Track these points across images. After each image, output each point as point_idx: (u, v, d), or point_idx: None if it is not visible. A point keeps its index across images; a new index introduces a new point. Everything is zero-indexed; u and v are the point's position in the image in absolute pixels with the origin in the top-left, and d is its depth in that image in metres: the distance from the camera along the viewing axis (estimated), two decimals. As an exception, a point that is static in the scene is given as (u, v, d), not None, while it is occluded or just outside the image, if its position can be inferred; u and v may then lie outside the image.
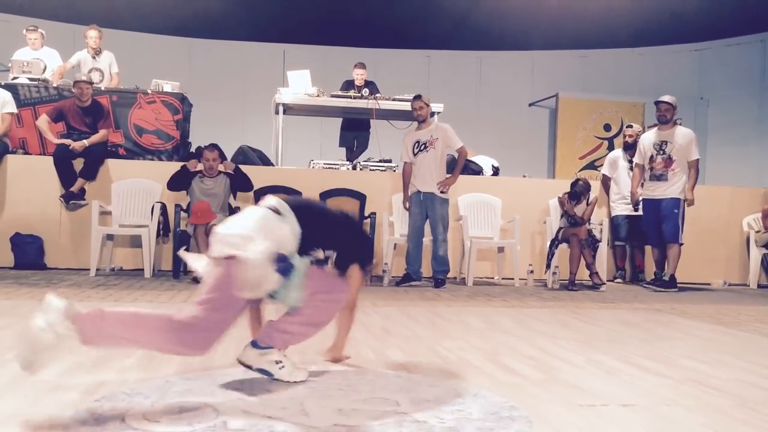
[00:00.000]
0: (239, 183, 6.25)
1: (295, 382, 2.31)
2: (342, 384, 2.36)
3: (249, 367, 2.32)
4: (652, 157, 6.51)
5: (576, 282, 6.22)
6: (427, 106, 6.21)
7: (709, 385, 2.53)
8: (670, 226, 6.42)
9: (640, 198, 6.67)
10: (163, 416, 1.93)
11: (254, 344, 2.33)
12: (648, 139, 6.64)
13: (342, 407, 2.07)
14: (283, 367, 2.32)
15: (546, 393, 2.34)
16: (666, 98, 6.51)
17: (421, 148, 6.11)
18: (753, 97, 11.00)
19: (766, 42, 11.03)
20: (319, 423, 1.90)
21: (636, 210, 6.87)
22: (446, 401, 2.17)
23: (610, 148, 11.13)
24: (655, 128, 6.68)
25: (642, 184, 6.69)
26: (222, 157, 6.71)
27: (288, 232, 2.26)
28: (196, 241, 5.77)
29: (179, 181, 6.13)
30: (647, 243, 6.78)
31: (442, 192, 6.06)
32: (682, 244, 6.40)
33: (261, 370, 2.32)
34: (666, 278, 6.42)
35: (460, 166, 6.23)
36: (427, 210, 6.07)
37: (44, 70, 7.34)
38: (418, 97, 6.21)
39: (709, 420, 2.07)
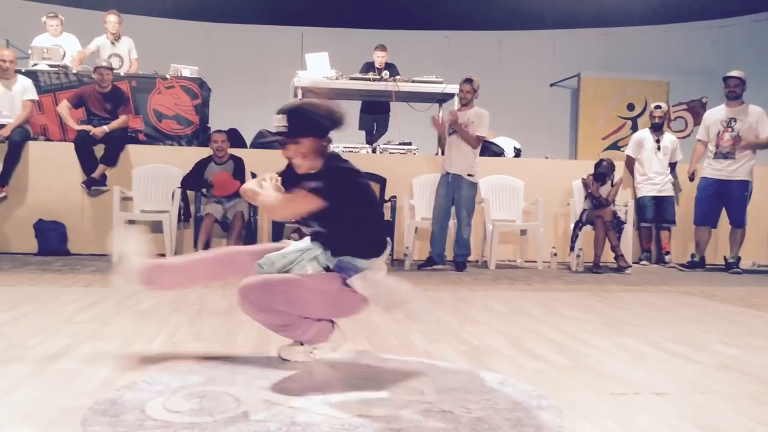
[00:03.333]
0: (239, 177, 6.15)
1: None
2: (366, 372, 2.32)
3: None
4: (718, 133, 6.37)
5: (600, 264, 6.11)
6: (474, 90, 6.12)
7: (743, 371, 2.45)
8: (738, 210, 6.36)
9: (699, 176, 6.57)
10: (184, 406, 1.90)
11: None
12: (715, 114, 6.50)
13: (366, 397, 2.03)
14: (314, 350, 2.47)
15: (574, 380, 2.28)
16: (735, 73, 6.39)
17: (455, 130, 6.04)
18: (781, 74, 10.70)
19: (794, 17, 10.72)
20: (343, 413, 1.86)
21: (691, 180, 6.74)
22: (472, 390, 2.11)
23: (634, 128, 10.92)
24: (723, 104, 6.51)
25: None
26: (239, 141, 6.69)
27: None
28: (203, 230, 5.77)
29: (193, 180, 6.11)
30: (695, 221, 6.60)
31: (469, 175, 5.98)
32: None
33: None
34: (732, 260, 6.36)
35: (466, 135, 5.99)
36: (454, 192, 6.00)
37: (64, 56, 7.34)
38: (468, 81, 6.13)
39: (746, 409, 2.00)
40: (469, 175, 5.99)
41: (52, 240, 6.28)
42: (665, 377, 2.35)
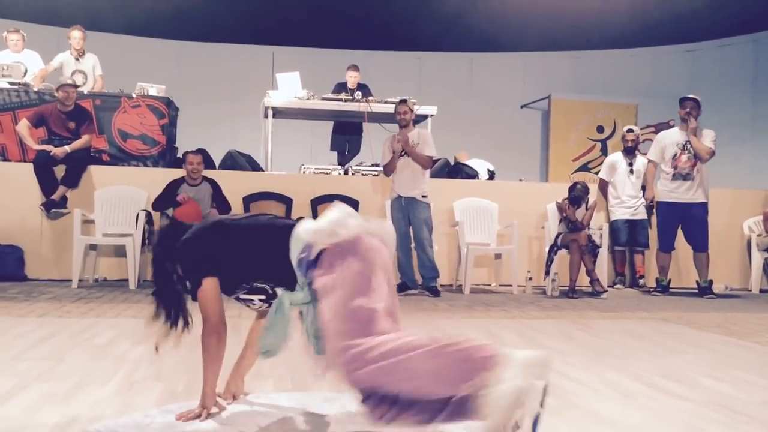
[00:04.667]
0: (219, 200, 6.01)
1: None
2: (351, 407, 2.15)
3: None
4: (675, 155, 6.36)
5: (576, 289, 6.04)
6: (411, 111, 6.05)
7: (735, 409, 2.34)
8: (700, 233, 6.34)
9: (655, 200, 6.56)
10: (140, 461, 1.71)
11: None
12: (670, 137, 6.50)
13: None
14: None
15: (564, 424, 2.14)
16: (691, 96, 6.40)
17: (403, 153, 5.93)
18: (746, 97, 10.89)
19: (759, 42, 10.93)
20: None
21: (651, 208, 6.71)
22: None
23: (603, 150, 11.00)
24: (676, 127, 6.54)
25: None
26: (208, 162, 6.52)
27: None
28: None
29: (166, 200, 5.89)
30: (660, 247, 6.55)
31: (423, 196, 5.89)
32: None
33: None
34: (705, 284, 6.34)
35: (418, 157, 5.89)
36: (410, 215, 5.89)
37: (25, 73, 7.08)
38: (404, 101, 6.06)
39: (745, 454, 1.88)
40: (423, 196, 5.90)
41: (8, 265, 6.00)
42: (657, 418, 2.23)
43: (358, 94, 7.18)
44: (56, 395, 2.31)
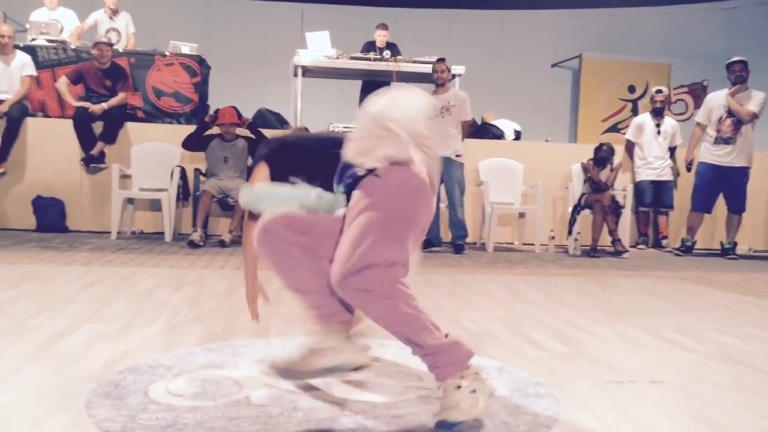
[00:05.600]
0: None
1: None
2: (365, 357, 2.33)
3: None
4: (720, 118, 6.36)
5: (598, 248, 6.14)
6: (449, 70, 6.12)
7: (740, 361, 2.47)
8: (738, 196, 6.39)
9: (697, 161, 6.58)
10: (186, 390, 1.91)
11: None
12: (718, 99, 6.47)
13: (366, 381, 2.04)
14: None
15: (572, 368, 2.30)
16: (739, 58, 6.36)
17: (438, 112, 6.02)
18: (784, 58, 10.64)
19: (800, -1, 10.64)
20: (343, 399, 1.88)
21: (689, 170, 6.74)
22: (471, 376, 2.13)
23: (634, 110, 10.89)
24: (725, 89, 6.50)
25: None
26: (240, 119, 6.65)
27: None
28: (201, 208, 5.76)
29: (195, 141, 6.09)
30: (693, 207, 6.59)
31: (457, 156, 6.01)
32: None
33: None
34: (729, 245, 6.40)
35: (464, 136, 6.17)
36: (443, 175, 6.01)
37: (61, 31, 7.28)
38: (441, 60, 6.12)
39: (741, 399, 2.02)
40: (457, 155, 6.03)
41: (50, 217, 6.29)
42: (662, 366, 2.37)
43: (387, 54, 7.23)
44: (106, 334, 2.53)
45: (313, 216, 1.86)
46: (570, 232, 6.29)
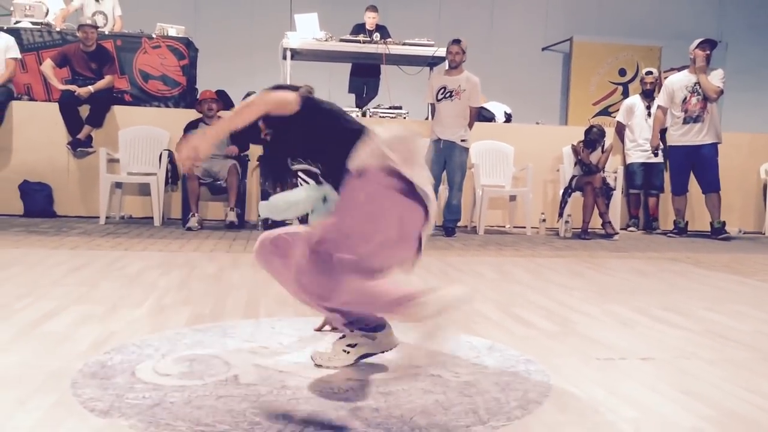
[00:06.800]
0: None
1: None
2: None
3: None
4: (685, 98, 6.36)
5: (589, 231, 6.15)
6: (463, 52, 6.04)
7: (728, 337, 2.48)
8: (711, 174, 6.38)
9: (666, 146, 6.57)
10: (174, 369, 1.90)
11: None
12: (679, 81, 6.47)
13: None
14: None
15: (562, 346, 2.30)
16: (712, 38, 6.42)
17: (447, 95, 5.99)
18: (771, 41, 10.67)
19: (790, -18, 10.64)
20: (332, 378, 1.87)
21: (656, 155, 6.76)
22: (461, 355, 2.13)
23: (625, 93, 10.87)
24: (685, 71, 6.50)
25: (663, 131, 6.57)
26: (227, 103, 6.59)
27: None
28: (190, 192, 5.73)
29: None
30: (674, 191, 6.61)
31: (462, 141, 5.98)
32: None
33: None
34: (718, 225, 6.39)
35: (472, 124, 6.15)
36: (446, 158, 5.99)
37: (47, 13, 7.16)
38: (457, 42, 6.04)
39: (729, 374, 2.03)
40: (462, 140, 5.99)
41: (38, 201, 6.22)
42: (651, 343, 2.38)
43: (377, 36, 7.17)
44: (94, 315, 2.50)
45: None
46: (561, 215, 6.29)
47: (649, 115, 6.93)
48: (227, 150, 5.90)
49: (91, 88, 6.26)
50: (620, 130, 7.19)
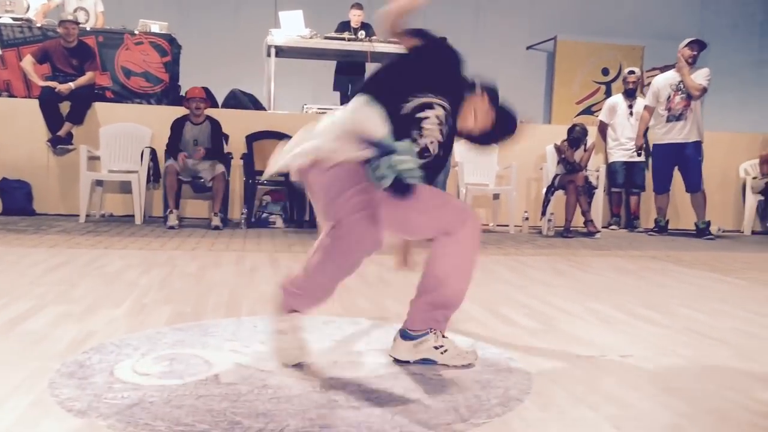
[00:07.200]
0: (216, 139, 6.01)
1: (464, 366, 2.00)
2: (337, 335, 2.32)
3: (407, 362, 2.01)
4: (669, 97, 6.42)
5: (571, 229, 6.18)
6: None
7: (707, 335, 2.50)
8: (694, 174, 6.43)
9: (648, 145, 6.63)
10: (153, 369, 1.88)
11: (404, 335, 2.04)
12: (665, 80, 6.54)
13: (337, 360, 2.03)
14: (445, 351, 2.01)
15: (544, 344, 2.31)
16: (702, 40, 6.46)
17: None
18: (753, 41, 10.80)
19: (770, -16, 10.77)
20: (314, 376, 1.86)
21: (639, 155, 6.81)
22: (443, 352, 2.12)
23: (608, 92, 10.94)
24: (672, 69, 6.56)
25: (646, 131, 6.62)
26: (210, 101, 6.54)
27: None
28: (169, 188, 5.65)
29: (176, 146, 5.87)
30: (656, 190, 6.66)
31: None
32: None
33: (423, 361, 2.01)
34: (703, 225, 6.43)
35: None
36: None
37: (27, 9, 7.07)
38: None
39: (708, 371, 2.05)
40: None
41: (17, 199, 6.15)
42: (632, 341, 2.39)
43: (362, 34, 7.16)
44: (72, 315, 2.48)
45: None
46: (544, 213, 6.32)
47: (631, 114, 6.98)
48: (196, 155, 5.77)
49: (71, 85, 6.19)
50: (603, 129, 7.24)
